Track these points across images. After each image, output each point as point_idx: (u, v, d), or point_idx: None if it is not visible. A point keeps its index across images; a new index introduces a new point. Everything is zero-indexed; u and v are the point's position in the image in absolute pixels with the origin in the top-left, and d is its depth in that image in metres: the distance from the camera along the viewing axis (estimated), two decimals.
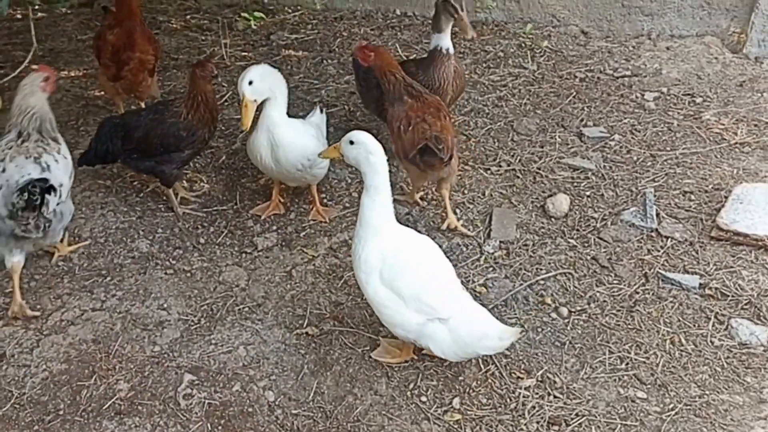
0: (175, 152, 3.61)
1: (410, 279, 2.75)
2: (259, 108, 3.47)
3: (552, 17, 5.71)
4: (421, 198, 3.87)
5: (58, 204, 3.08)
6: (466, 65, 5.15)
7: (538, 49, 5.36)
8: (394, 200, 3.72)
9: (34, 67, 3.61)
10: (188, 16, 6.35)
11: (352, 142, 2.82)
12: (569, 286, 3.35)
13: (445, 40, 3.86)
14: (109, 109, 4.72)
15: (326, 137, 3.83)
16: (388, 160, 2.83)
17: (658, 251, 3.51)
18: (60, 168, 3.16)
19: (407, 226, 3.10)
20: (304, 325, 3.15)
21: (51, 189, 2.94)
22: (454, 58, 3.92)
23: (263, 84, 3.38)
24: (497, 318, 2.84)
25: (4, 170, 3.07)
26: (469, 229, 3.64)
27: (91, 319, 3.15)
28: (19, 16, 6.65)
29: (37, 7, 5.70)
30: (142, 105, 4.54)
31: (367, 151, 2.78)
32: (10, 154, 3.11)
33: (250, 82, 3.33)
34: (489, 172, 4.10)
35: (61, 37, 5.79)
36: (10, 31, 6.14)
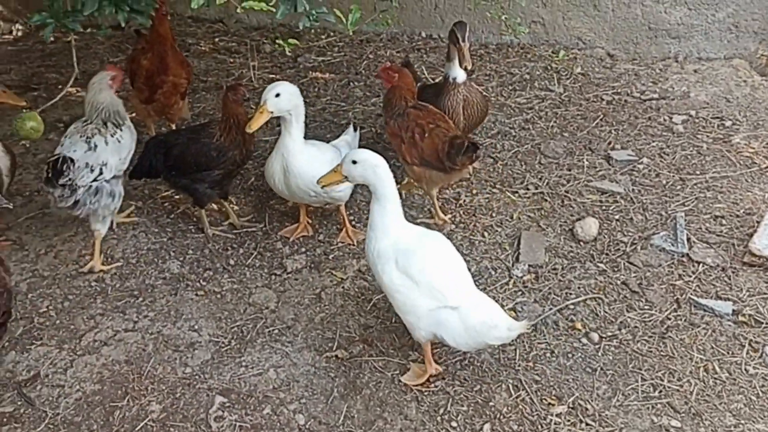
0: (206, 171, 3.65)
1: (423, 264, 2.84)
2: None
3: (578, 40, 5.72)
4: (450, 219, 3.88)
5: (96, 180, 3.37)
6: (491, 87, 5.17)
7: (564, 72, 5.37)
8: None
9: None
10: (217, 39, 6.45)
11: (355, 162, 2.91)
12: (599, 312, 3.32)
13: (452, 69, 3.91)
14: (141, 131, 4.77)
15: None
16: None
17: (690, 276, 3.48)
18: (108, 149, 3.47)
19: None
20: (334, 348, 3.16)
21: (63, 163, 3.20)
22: (465, 87, 3.92)
23: (288, 102, 3.42)
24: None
25: (62, 145, 3.46)
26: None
27: (123, 340, 3.18)
28: (51, 39, 6.80)
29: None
30: (173, 127, 4.62)
31: (373, 165, 2.88)
32: (71, 131, 3.52)
33: (277, 95, 3.38)
34: (517, 195, 4.10)
35: (94, 59, 5.89)
36: (44, 53, 6.27)
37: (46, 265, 3.61)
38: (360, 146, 3.98)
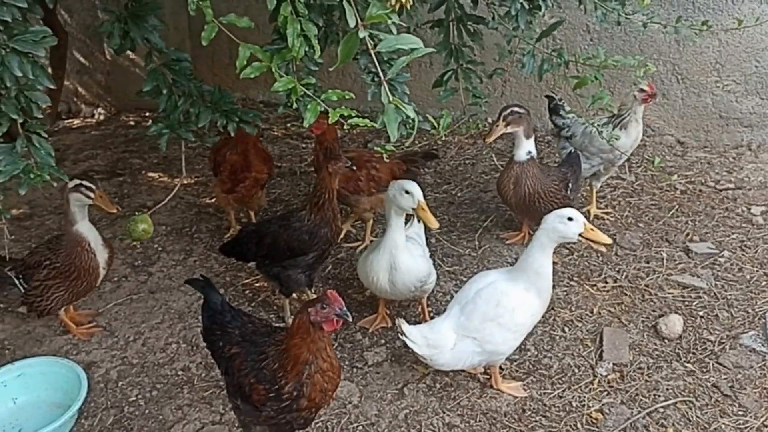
0: (300, 256, 3.72)
1: None
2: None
3: (646, 127, 5.73)
4: None
5: None
6: None
7: (633, 159, 5.38)
8: None
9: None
10: (288, 124, 6.70)
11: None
12: (691, 416, 3.22)
13: (515, 149, 4.11)
14: (220, 216, 4.97)
15: (426, 244, 3.88)
16: None
17: None
18: None
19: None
20: None
21: None
22: (519, 166, 4.07)
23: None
24: None
25: None
26: None
27: None
28: (132, 123, 7.17)
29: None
30: (252, 215, 4.78)
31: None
32: None
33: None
34: (595, 288, 4.07)
35: (174, 145, 6.12)
36: (126, 138, 6.61)
37: (135, 353, 3.71)
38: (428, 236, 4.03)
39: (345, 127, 2.21)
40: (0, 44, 1.91)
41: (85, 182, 3.49)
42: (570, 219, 3.07)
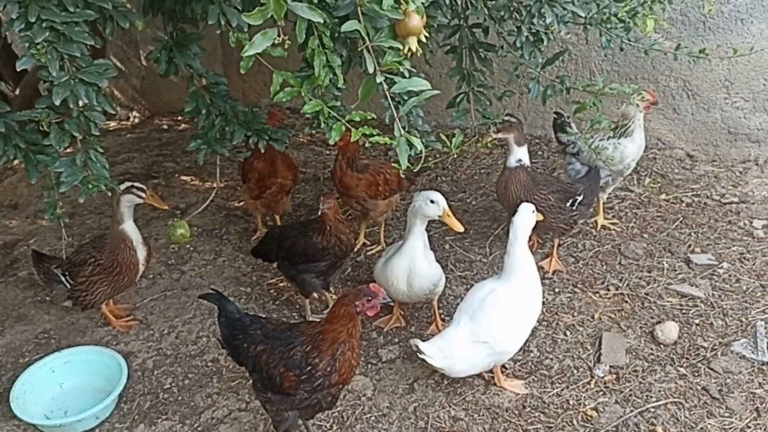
0: (314, 262, 4.04)
1: None
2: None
3: (657, 140, 5.97)
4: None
5: None
6: None
7: (643, 172, 5.61)
8: None
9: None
10: (314, 131, 6.99)
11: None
12: (680, 416, 3.47)
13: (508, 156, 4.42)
14: (248, 219, 5.30)
15: (437, 250, 4.15)
16: None
17: None
18: None
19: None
20: None
21: None
22: (509, 172, 4.36)
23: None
24: None
25: None
26: None
27: (238, 419, 3.53)
28: (165, 127, 7.54)
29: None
30: (278, 218, 5.10)
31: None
32: None
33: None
34: (597, 295, 4.32)
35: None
36: (161, 142, 6.97)
37: (169, 345, 4.05)
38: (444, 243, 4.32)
39: (366, 144, 2.51)
40: (70, 75, 2.23)
41: (136, 184, 3.85)
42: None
